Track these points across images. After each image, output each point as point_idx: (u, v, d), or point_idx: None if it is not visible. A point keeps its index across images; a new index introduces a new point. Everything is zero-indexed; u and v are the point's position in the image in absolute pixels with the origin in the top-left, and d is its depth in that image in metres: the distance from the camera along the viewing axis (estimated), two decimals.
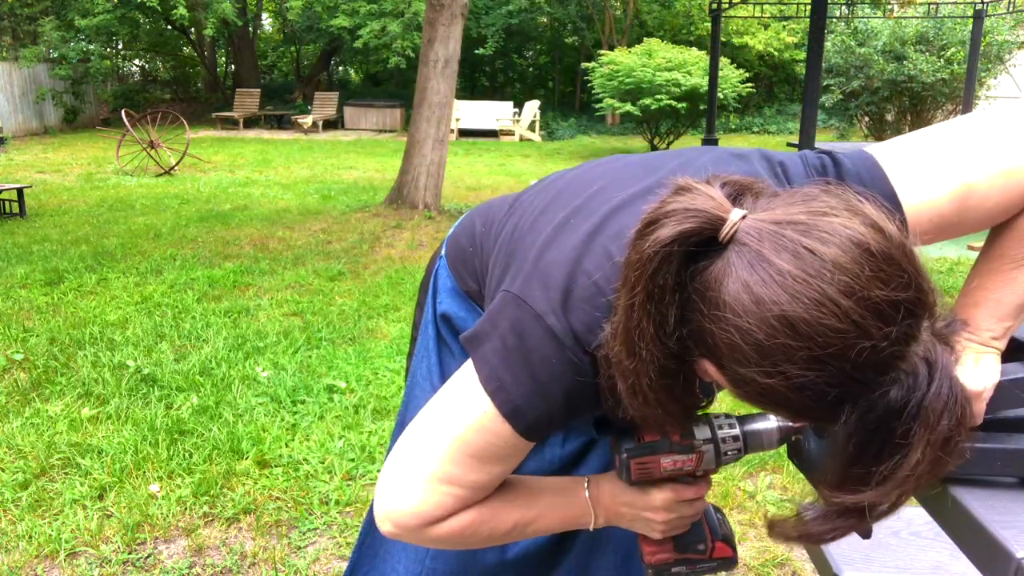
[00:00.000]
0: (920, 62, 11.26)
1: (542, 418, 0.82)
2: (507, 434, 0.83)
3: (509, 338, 0.82)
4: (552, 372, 0.80)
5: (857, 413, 0.61)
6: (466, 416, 0.84)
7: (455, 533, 0.88)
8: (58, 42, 16.71)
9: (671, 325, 0.66)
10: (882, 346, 0.59)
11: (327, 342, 3.84)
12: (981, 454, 0.85)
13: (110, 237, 6.29)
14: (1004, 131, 0.81)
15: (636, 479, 0.90)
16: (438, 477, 0.85)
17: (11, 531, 2.28)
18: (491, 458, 0.85)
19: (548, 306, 0.80)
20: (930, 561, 1.29)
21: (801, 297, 0.59)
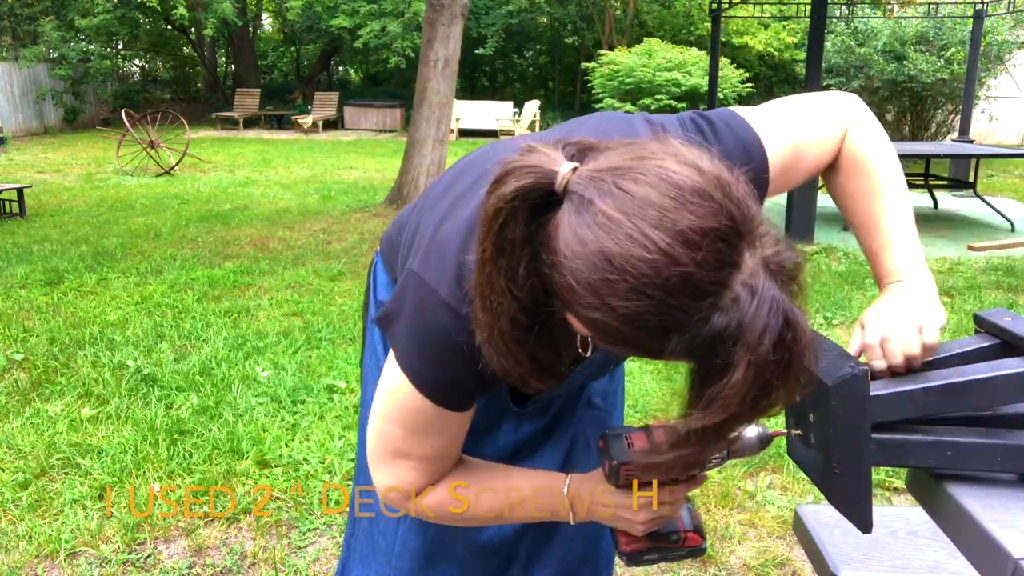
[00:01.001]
0: (920, 62, 11.26)
1: (454, 387, 0.88)
2: (428, 407, 0.89)
3: (412, 315, 0.87)
4: (452, 343, 0.83)
5: (684, 341, 0.64)
6: (393, 396, 0.91)
7: (435, 509, 0.96)
8: (58, 42, 16.71)
9: (521, 277, 0.70)
10: (692, 271, 0.62)
11: (327, 342, 3.85)
12: (981, 450, 0.85)
13: (110, 237, 6.29)
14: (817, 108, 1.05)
15: (623, 483, 0.93)
16: (391, 453, 0.94)
17: (11, 531, 2.28)
18: (427, 430, 0.91)
19: (442, 278, 0.84)
20: (928, 560, 1.29)
21: (615, 233, 0.63)
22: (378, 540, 1.19)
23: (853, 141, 1.04)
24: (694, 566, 2.16)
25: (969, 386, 0.86)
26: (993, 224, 7.10)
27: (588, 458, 1.19)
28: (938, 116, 12.33)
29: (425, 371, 0.87)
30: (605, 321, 0.65)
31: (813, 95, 1.07)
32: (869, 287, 4.93)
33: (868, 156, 1.03)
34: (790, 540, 2.28)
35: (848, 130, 1.05)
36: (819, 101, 1.06)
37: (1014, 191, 9.25)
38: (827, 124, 1.04)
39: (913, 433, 0.87)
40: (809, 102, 1.05)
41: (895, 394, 0.87)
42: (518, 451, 1.14)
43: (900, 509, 1.46)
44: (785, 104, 1.05)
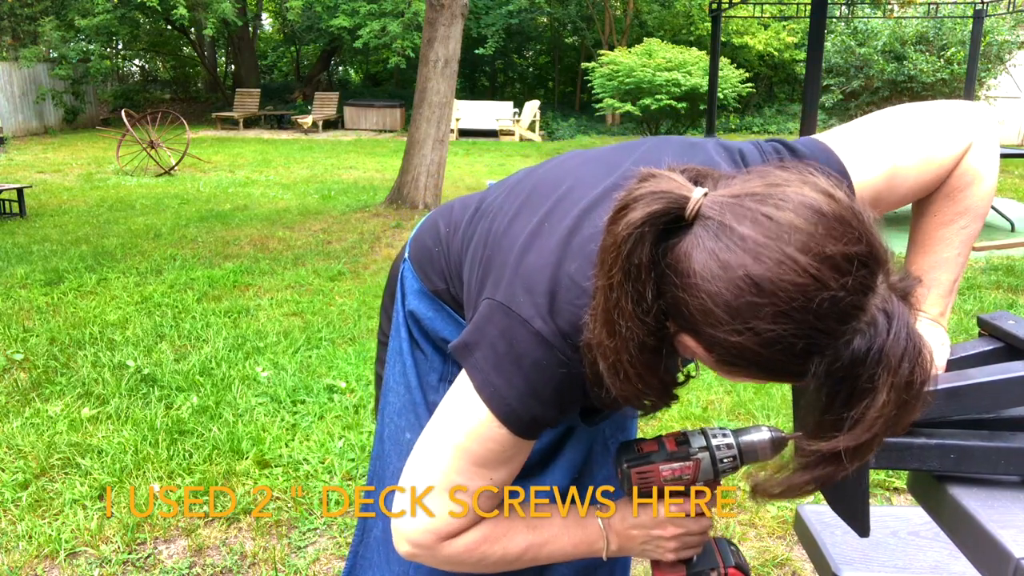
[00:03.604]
0: (920, 62, 11.26)
1: (537, 418, 0.86)
2: (505, 437, 0.86)
3: (499, 344, 0.85)
4: (543, 374, 0.83)
5: (825, 363, 0.65)
6: (464, 425, 0.87)
7: (470, 550, 0.91)
8: (58, 42, 16.71)
9: (648, 301, 0.70)
10: (840, 296, 0.64)
11: (327, 342, 3.85)
12: (984, 453, 0.85)
13: (110, 237, 6.29)
14: (927, 123, 0.97)
15: (639, 488, 0.93)
16: (445, 488, 0.89)
17: (11, 531, 2.28)
18: (493, 463, 0.88)
19: (535, 311, 0.83)
20: (929, 561, 1.29)
21: (762, 257, 0.64)
22: (393, 550, 1.17)
23: (971, 165, 0.99)
24: None
25: (973, 389, 0.86)
26: (993, 224, 7.10)
27: (606, 460, 1.19)
28: None
29: (512, 401, 0.85)
30: (744, 345, 0.66)
31: (930, 106, 0.99)
32: None
33: (974, 190, 1.00)
34: (790, 540, 2.28)
35: (969, 151, 1.00)
36: (934, 116, 0.98)
37: (1014, 191, 9.25)
38: (937, 144, 0.97)
39: (916, 436, 0.87)
40: (921, 117, 0.97)
41: None
42: (543, 458, 1.14)
43: (901, 509, 1.46)
44: (889, 120, 0.98)
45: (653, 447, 0.93)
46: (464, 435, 0.87)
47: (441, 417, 0.90)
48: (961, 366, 0.95)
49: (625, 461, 0.92)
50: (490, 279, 0.90)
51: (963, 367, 0.94)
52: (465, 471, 0.88)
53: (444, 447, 0.89)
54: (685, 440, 0.93)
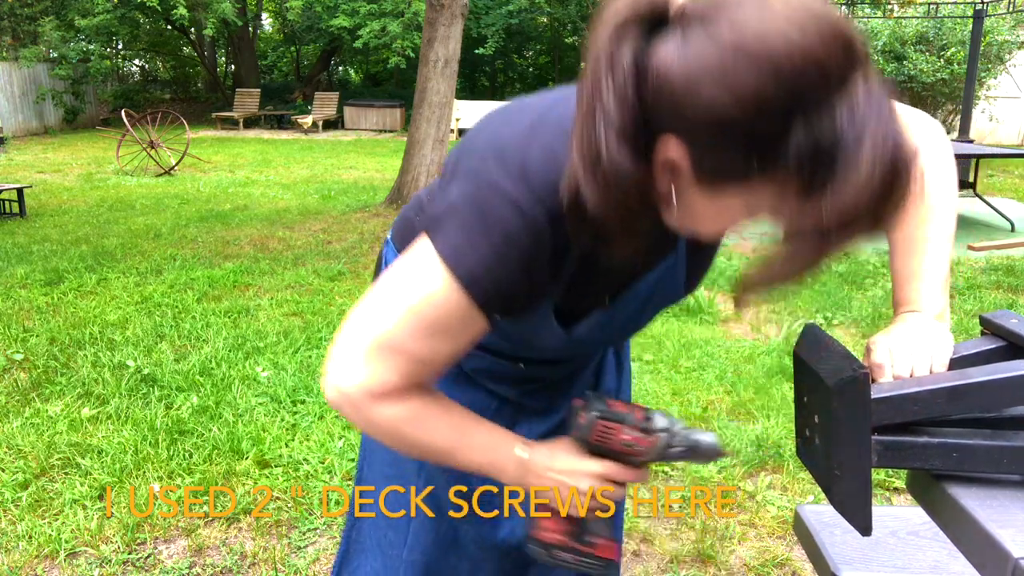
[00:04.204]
0: (920, 62, 11.26)
1: (501, 291, 0.83)
2: (462, 306, 0.83)
3: (464, 209, 0.82)
4: (512, 244, 0.80)
5: (807, 132, 0.65)
6: (422, 287, 0.84)
7: (392, 423, 0.89)
8: (58, 42, 16.72)
9: (631, 97, 0.69)
10: (824, 58, 0.64)
11: (327, 342, 3.84)
12: (987, 452, 0.85)
13: (110, 237, 6.29)
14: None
15: (595, 441, 0.93)
16: (386, 346, 0.85)
17: (11, 531, 2.28)
18: (442, 332, 0.85)
19: (505, 173, 0.81)
20: (928, 560, 1.29)
21: (748, 25, 0.65)
22: (387, 532, 1.19)
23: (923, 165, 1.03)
24: (694, 566, 2.16)
25: (975, 388, 0.86)
26: (993, 224, 7.10)
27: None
28: (938, 116, 12.33)
29: (475, 265, 0.81)
30: (725, 109, 0.65)
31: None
32: (869, 287, 4.93)
33: (933, 183, 1.03)
34: (790, 540, 2.29)
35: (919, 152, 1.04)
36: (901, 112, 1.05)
37: (1014, 191, 9.26)
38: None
39: (918, 435, 0.87)
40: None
41: (900, 396, 0.87)
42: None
43: (901, 509, 1.46)
44: None
45: (624, 409, 0.93)
46: (419, 297, 0.84)
47: (396, 275, 0.87)
48: (963, 365, 0.95)
49: (596, 411, 0.92)
50: (460, 167, 0.87)
51: (965, 366, 0.94)
52: (412, 334, 0.85)
53: (395, 305, 0.85)
54: (650, 417, 0.94)
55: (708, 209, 0.74)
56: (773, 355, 3.68)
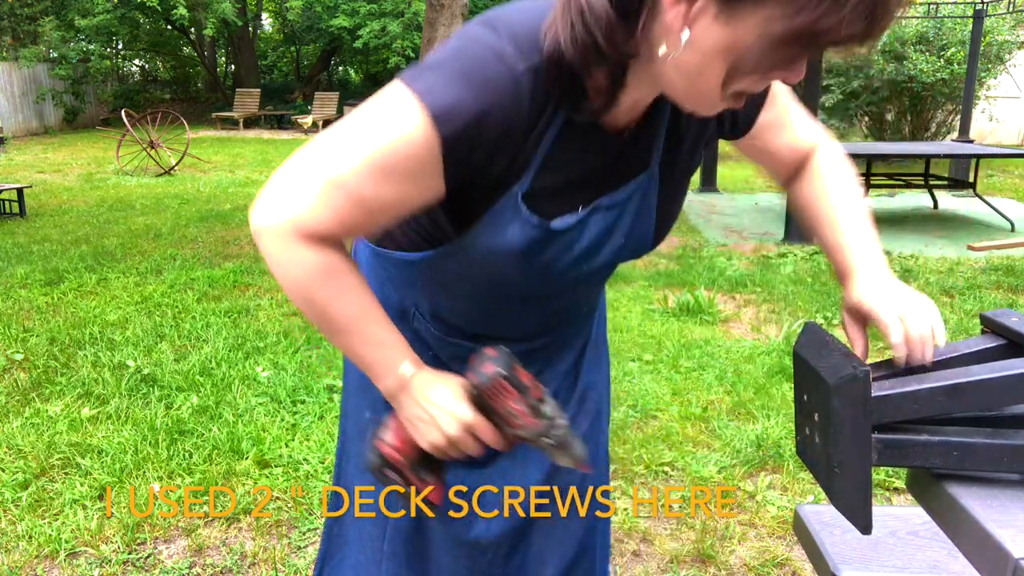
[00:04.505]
0: (920, 62, 11.25)
1: (469, 130, 0.80)
2: (428, 143, 0.80)
3: (446, 58, 0.82)
4: (488, 81, 0.79)
5: None
6: (386, 124, 0.81)
7: (307, 266, 0.86)
8: (58, 42, 16.72)
9: None
10: None
11: (327, 342, 3.84)
12: (987, 450, 0.85)
13: (110, 237, 6.29)
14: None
15: (486, 395, 0.91)
16: (335, 183, 0.82)
17: (11, 531, 2.28)
18: (397, 175, 0.82)
19: (490, 30, 0.81)
20: (928, 560, 1.29)
21: None
22: (365, 524, 1.19)
23: (825, 153, 1.11)
24: (694, 566, 2.16)
25: (976, 386, 0.86)
26: (993, 224, 7.10)
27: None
28: (938, 116, 12.32)
29: (447, 98, 0.79)
30: None
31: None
32: None
33: (838, 167, 1.10)
34: (790, 540, 2.28)
35: (819, 146, 1.11)
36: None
37: (1014, 191, 9.26)
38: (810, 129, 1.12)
39: (919, 433, 0.87)
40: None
41: (901, 394, 0.87)
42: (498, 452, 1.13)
43: (900, 509, 1.46)
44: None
45: (527, 381, 0.92)
46: (383, 134, 0.81)
47: (362, 115, 0.84)
48: (964, 363, 0.95)
49: (503, 368, 0.90)
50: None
51: (966, 364, 0.94)
52: (366, 174, 0.82)
53: (356, 144, 0.82)
54: (544, 400, 0.93)
55: (717, 41, 0.73)
56: (773, 355, 3.68)
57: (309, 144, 0.85)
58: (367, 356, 0.93)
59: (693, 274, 5.19)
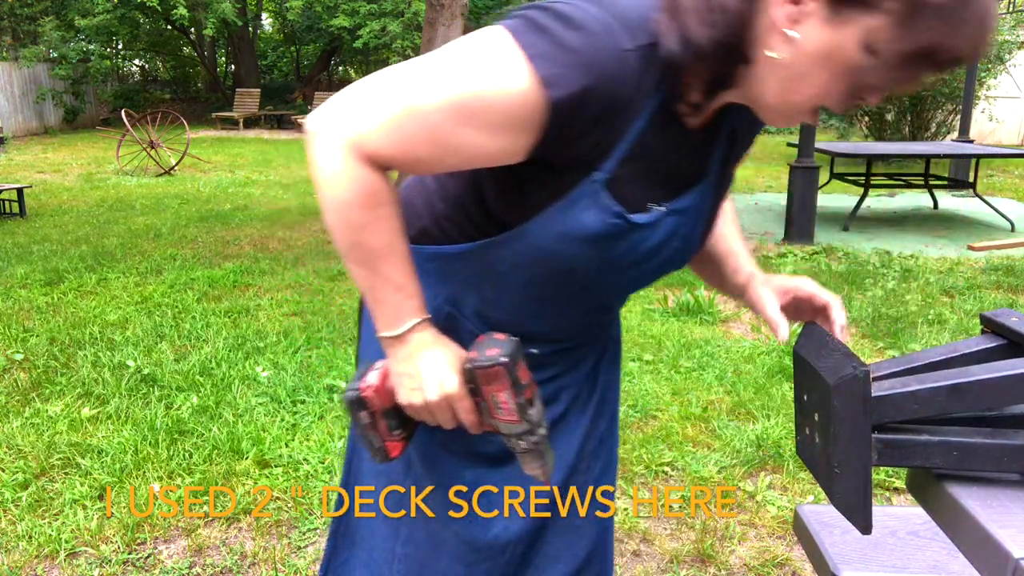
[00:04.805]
0: None
1: (574, 98, 0.79)
2: (528, 102, 0.79)
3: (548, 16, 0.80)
4: (597, 49, 0.78)
5: None
6: (486, 68, 0.79)
7: (353, 184, 0.84)
8: (58, 42, 16.72)
9: None
10: None
11: (327, 342, 3.85)
12: (987, 450, 0.85)
13: (110, 237, 6.29)
14: None
15: (478, 376, 0.89)
16: (411, 107, 0.81)
17: (11, 531, 2.28)
18: (482, 120, 0.81)
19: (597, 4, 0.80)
20: (928, 560, 1.29)
21: None
22: (378, 525, 1.17)
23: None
24: (694, 566, 2.16)
25: (976, 386, 0.86)
26: (993, 224, 7.10)
27: (599, 458, 1.18)
28: (938, 116, 12.32)
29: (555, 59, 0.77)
30: None
31: None
32: (869, 287, 4.93)
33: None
34: (790, 540, 2.28)
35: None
36: None
37: (1014, 191, 9.26)
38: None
39: (919, 433, 0.87)
40: None
41: (901, 394, 0.87)
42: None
43: (900, 509, 1.46)
44: None
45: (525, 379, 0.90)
46: (479, 76, 0.79)
47: (456, 52, 0.82)
48: (964, 363, 0.95)
49: (505, 358, 0.88)
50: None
51: (966, 364, 0.94)
52: (447, 106, 0.80)
53: (445, 75, 0.80)
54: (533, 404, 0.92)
55: (821, 46, 0.75)
56: (773, 355, 3.68)
57: (393, 67, 0.84)
58: (380, 294, 0.91)
59: (693, 274, 5.18)
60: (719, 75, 0.83)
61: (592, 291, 1.00)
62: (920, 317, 4.28)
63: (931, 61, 0.75)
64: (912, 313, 4.36)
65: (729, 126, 0.96)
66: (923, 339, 3.94)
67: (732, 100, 0.89)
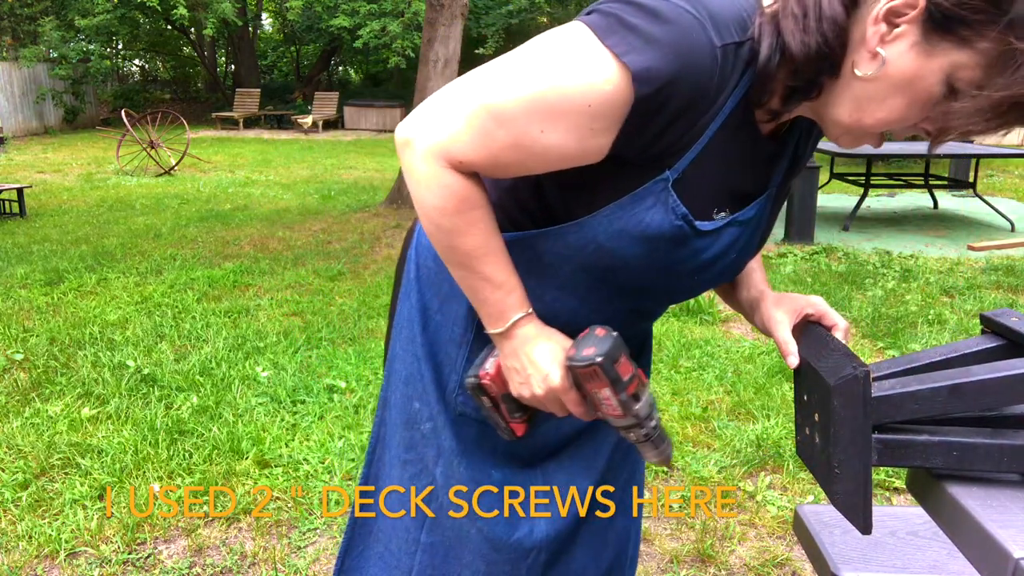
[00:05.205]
0: None
1: (663, 90, 0.78)
2: (615, 99, 0.79)
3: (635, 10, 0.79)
4: (690, 41, 0.77)
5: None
6: (570, 67, 0.79)
7: (445, 189, 0.85)
8: (58, 42, 16.72)
9: None
10: None
11: (327, 342, 3.85)
12: (987, 450, 0.85)
13: (110, 237, 6.29)
14: None
15: (577, 373, 0.90)
16: (491, 109, 0.81)
17: (11, 531, 2.28)
18: (566, 120, 0.80)
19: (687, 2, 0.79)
20: (927, 560, 1.29)
21: None
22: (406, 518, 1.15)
23: None
24: (694, 566, 2.16)
25: (976, 386, 0.86)
26: (993, 224, 7.10)
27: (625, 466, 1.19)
28: None
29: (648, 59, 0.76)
30: None
31: None
32: (869, 287, 4.93)
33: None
34: (790, 540, 2.28)
35: None
36: None
37: (1014, 191, 9.25)
38: None
39: (919, 434, 0.87)
40: None
41: (901, 395, 0.87)
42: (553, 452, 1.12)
43: (900, 509, 1.46)
44: None
45: (625, 375, 0.90)
46: (563, 75, 0.79)
47: (537, 52, 0.81)
48: (964, 363, 0.95)
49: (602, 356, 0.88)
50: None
51: (966, 364, 0.94)
52: (529, 107, 0.80)
53: (527, 76, 0.80)
54: (639, 397, 0.92)
55: (907, 69, 0.75)
56: (773, 355, 3.68)
57: (478, 69, 0.84)
58: (481, 293, 0.92)
59: None
60: (805, 84, 0.82)
61: (636, 293, 0.99)
62: (920, 317, 4.28)
63: (1016, 113, 0.74)
64: (912, 313, 4.36)
65: (794, 139, 0.96)
66: (923, 339, 3.94)
67: (804, 113, 0.88)
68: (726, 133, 0.85)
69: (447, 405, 1.08)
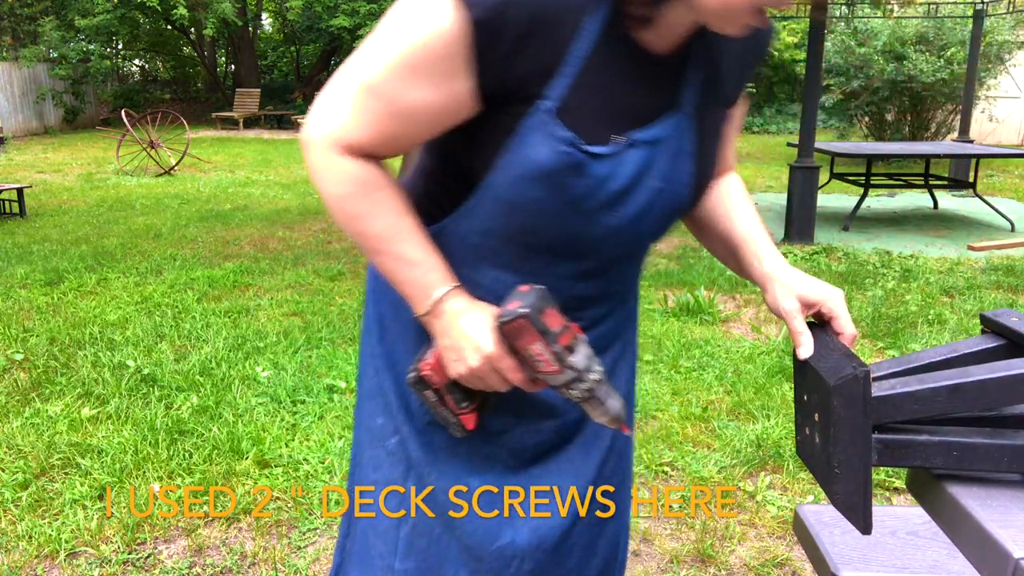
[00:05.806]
0: (920, 62, 11.25)
1: (499, 6, 0.79)
2: (454, 30, 0.80)
3: None
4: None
5: None
6: (414, 18, 0.82)
7: (345, 176, 0.87)
8: (58, 42, 16.71)
9: None
10: None
11: (327, 342, 3.85)
12: (987, 450, 0.85)
13: (110, 237, 6.29)
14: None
15: (506, 331, 0.87)
16: (365, 86, 0.84)
17: (11, 531, 2.28)
18: (423, 71, 0.82)
19: None
20: (927, 560, 1.29)
21: None
22: (375, 542, 1.11)
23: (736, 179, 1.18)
24: (694, 566, 2.16)
25: (976, 386, 0.86)
26: (993, 224, 7.10)
27: (617, 470, 1.14)
28: (938, 116, 12.32)
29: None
30: None
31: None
32: (869, 287, 4.93)
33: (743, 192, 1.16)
34: (790, 540, 2.28)
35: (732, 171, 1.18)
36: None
37: (1014, 191, 9.26)
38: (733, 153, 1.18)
39: (919, 434, 0.87)
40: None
41: (901, 395, 0.87)
42: (536, 456, 1.07)
43: (900, 509, 1.46)
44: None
45: (556, 326, 0.87)
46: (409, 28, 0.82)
47: (392, 14, 0.84)
48: (964, 363, 0.95)
49: (527, 308, 0.85)
50: None
51: (966, 364, 0.94)
52: (392, 71, 0.82)
53: (384, 41, 0.83)
54: (573, 349, 0.88)
55: None
56: (773, 355, 3.68)
57: (355, 56, 0.86)
58: (400, 274, 0.92)
59: (693, 274, 5.19)
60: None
61: (568, 251, 0.95)
62: (920, 317, 4.29)
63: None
64: (912, 313, 4.36)
65: (705, 54, 0.93)
66: (923, 339, 3.94)
67: (686, 17, 0.85)
68: (604, 50, 0.84)
69: (411, 415, 1.05)
